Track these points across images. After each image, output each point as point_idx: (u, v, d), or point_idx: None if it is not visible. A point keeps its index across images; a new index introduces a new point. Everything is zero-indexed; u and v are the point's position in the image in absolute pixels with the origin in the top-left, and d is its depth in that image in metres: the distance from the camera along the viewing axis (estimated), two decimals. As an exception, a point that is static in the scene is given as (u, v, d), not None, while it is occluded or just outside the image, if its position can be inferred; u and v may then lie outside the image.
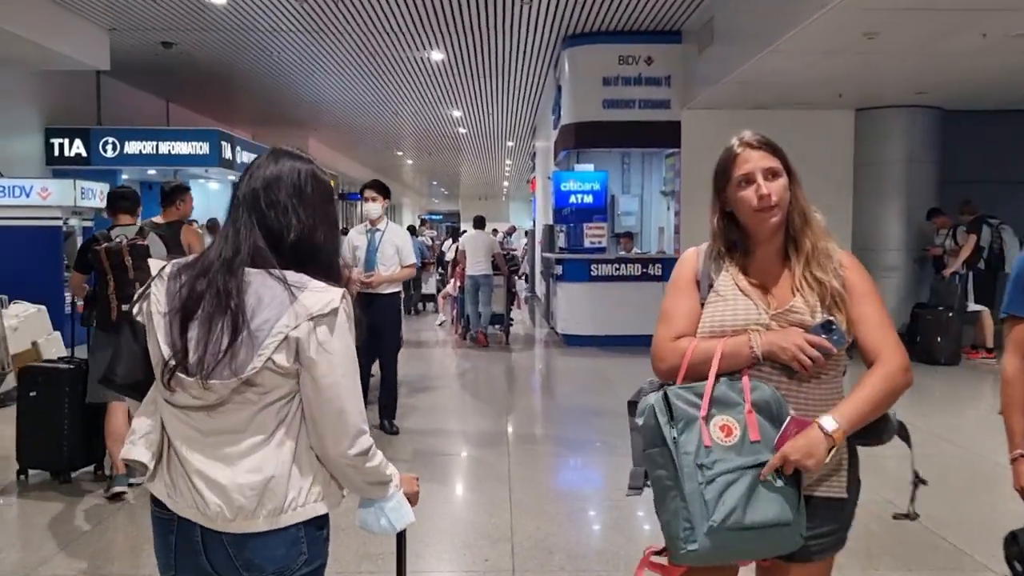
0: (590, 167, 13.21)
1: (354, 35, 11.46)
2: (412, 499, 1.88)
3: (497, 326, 12.25)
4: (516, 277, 14.19)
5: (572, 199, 13.02)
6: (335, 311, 1.65)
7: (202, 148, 14.19)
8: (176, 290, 1.67)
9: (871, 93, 10.03)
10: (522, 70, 13.88)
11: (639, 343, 11.07)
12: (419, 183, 42.49)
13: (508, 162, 30.07)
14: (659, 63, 11.09)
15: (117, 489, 4.72)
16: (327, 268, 1.73)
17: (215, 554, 1.67)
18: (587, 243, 11.32)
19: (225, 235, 1.71)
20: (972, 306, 9.60)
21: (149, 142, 13.58)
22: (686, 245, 10.65)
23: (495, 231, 24.15)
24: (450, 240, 18.65)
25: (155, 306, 1.68)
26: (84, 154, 13.01)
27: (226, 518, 1.64)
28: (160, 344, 1.66)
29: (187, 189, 5.74)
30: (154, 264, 1.75)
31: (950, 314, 9.46)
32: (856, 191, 11.15)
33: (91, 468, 5.24)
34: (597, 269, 11.16)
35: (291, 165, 1.76)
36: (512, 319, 13.09)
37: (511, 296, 13.03)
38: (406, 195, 48.10)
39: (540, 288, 17.34)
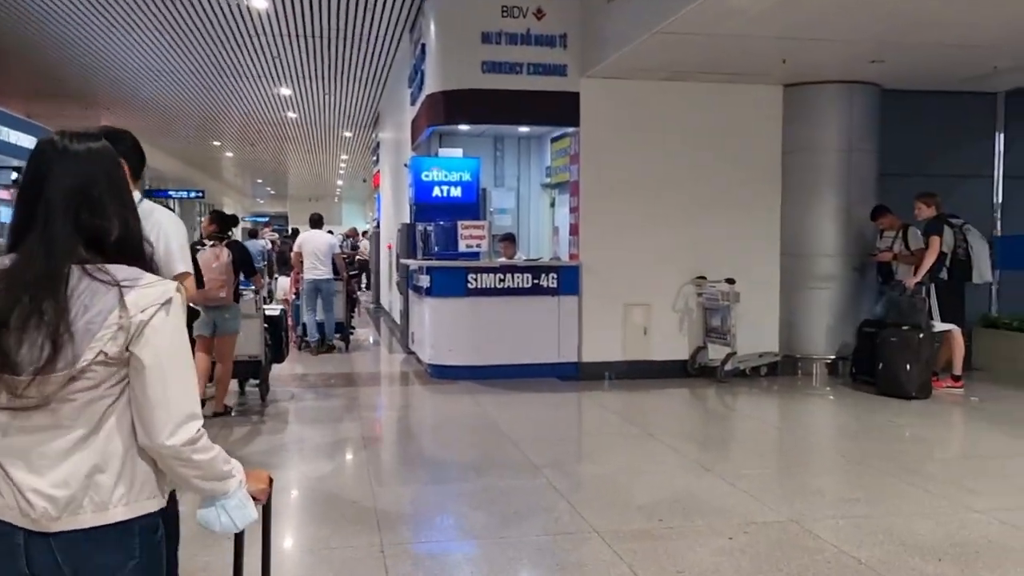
0: (458, 152, 10.66)
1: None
2: (258, 496, 1.83)
3: (337, 335, 11.37)
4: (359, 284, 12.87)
5: (436, 191, 10.42)
6: (170, 300, 1.63)
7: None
8: None
9: (812, 61, 8.08)
10: (369, 33, 11.14)
11: (529, 375, 8.76)
12: (242, 181, 38.29)
13: (344, 157, 26.99)
14: (552, 16, 8.71)
15: None
16: (145, 258, 1.70)
17: (39, 560, 1.58)
18: (463, 247, 8.77)
19: (41, 241, 1.60)
20: (938, 324, 7.83)
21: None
22: (587, 249, 8.26)
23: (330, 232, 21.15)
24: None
25: None
26: None
27: (51, 517, 1.57)
28: None
29: None
30: None
31: (920, 335, 7.62)
32: (786, 184, 9.23)
33: None
34: (476, 280, 8.63)
35: (99, 154, 1.68)
36: (353, 327, 12.57)
37: (351, 302, 12.47)
38: (227, 194, 43.62)
39: (389, 300, 14.58)
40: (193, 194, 31.28)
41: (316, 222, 11.46)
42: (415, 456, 6.35)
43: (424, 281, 8.88)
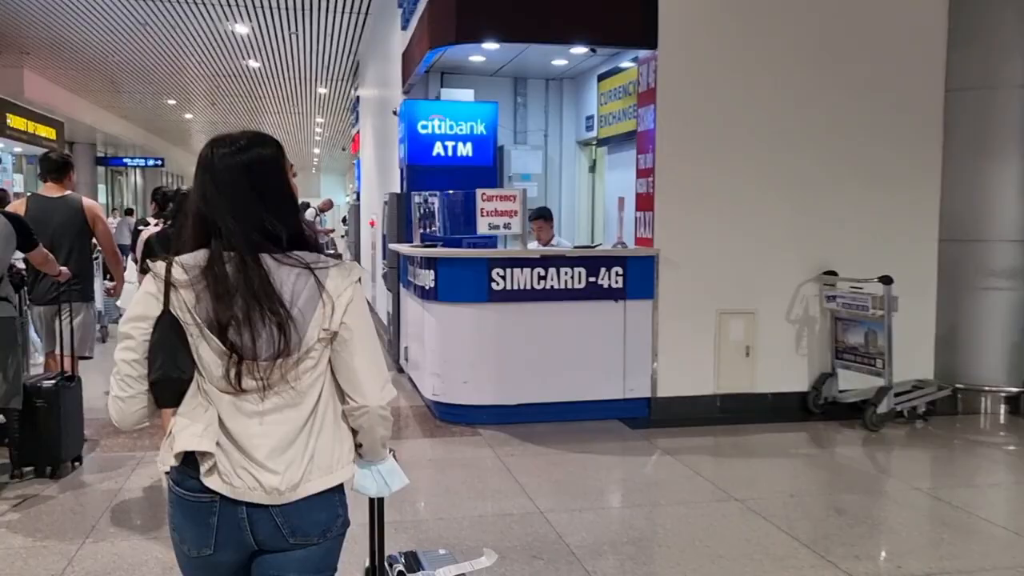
0: (468, 95, 7.75)
1: None
2: None
3: None
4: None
5: (438, 149, 7.53)
6: (360, 278, 1.80)
7: None
8: (199, 296, 1.68)
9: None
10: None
11: (581, 416, 5.92)
12: (209, 149, 34.86)
13: (320, 120, 23.87)
14: None
15: None
16: (310, 241, 1.81)
17: (261, 528, 1.71)
18: (484, 227, 5.85)
19: (229, 239, 1.70)
20: None
21: None
22: (665, 232, 4.95)
23: (306, 206, 18.05)
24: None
25: (185, 314, 1.69)
26: None
27: (281, 492, 1.69)
28: (214, 354, 1.69)
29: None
30: (156, 266, 1.73)
31: None
32: (949, 137, 6.37)
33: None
34: (504, 277, 5.74)
35: (264, 155, 1.78)
36: None
37: None
38: (192, 166, 40.12)
39: (372, 292, 11.63)
40: (151, 162, 28.10)
41: None
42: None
43: (426, 278, 5.97)
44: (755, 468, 5.12)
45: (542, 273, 5.81)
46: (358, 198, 15.65)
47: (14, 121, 14.50)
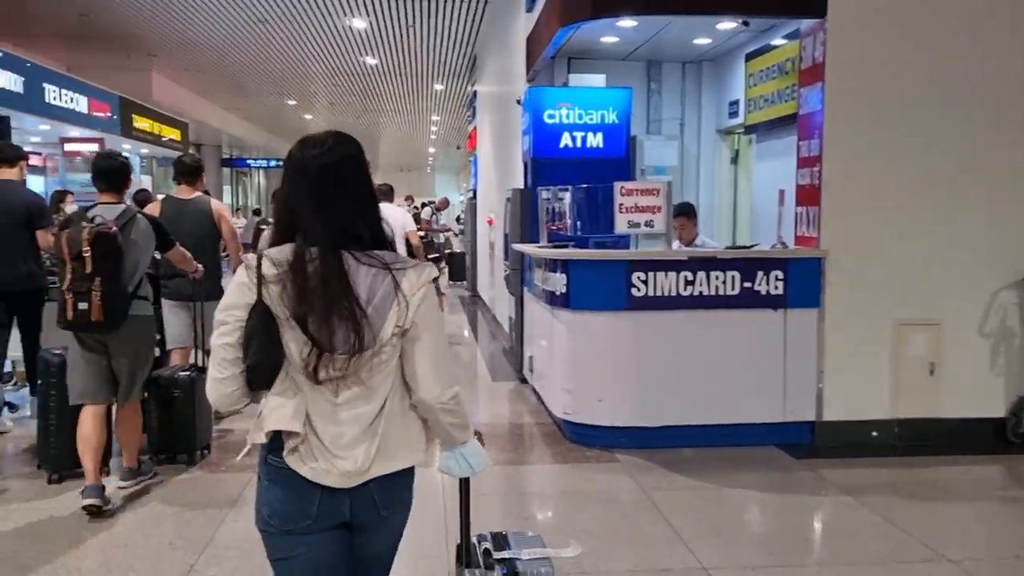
0: (599, 80, 7.09)
1: None
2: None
3: None
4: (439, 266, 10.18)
5: (566, 140, 6.91)
6: (433, 279, 1.88)
7: (15, 83, 9.76)
8: (285, 290, 1.77)
9: None
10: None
11: (734, 440, 5.18)
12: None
13: (435, 118, 23.65)
14: None
15: (89, 502, 4.04)
16: (388, 241, 1.90)
17: (359, 500, 1.86)
18: (622, 226, 5.18)
19: (312, 239, 1.79)
20: None
21: None
22: (833, 231, 4.16)
23: (423, 204, 17.79)
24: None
25: (274, 306, 1.78)
26: None
27: (352, 476, 1.82)
28: (297, 343, 1.78)
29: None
30: (249, 258, 1.82)
31: None
32: None
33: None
34: (646, 282, 5.05)
35: (347, 156, 1.87)
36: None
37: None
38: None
39: (490, 294, 11.15)
40: (273, 163, 28.67)
41: (387, 194, 8.45)
42: None
43: (555, 282, 5.35)
44: (959, 515, 4.25)
45: (689, 277, 5.09)
46: (474, 196, 15.22)
47: (140, 122, 14.77)
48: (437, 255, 11.77)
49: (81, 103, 12.10)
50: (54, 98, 11.07)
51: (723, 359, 5.15)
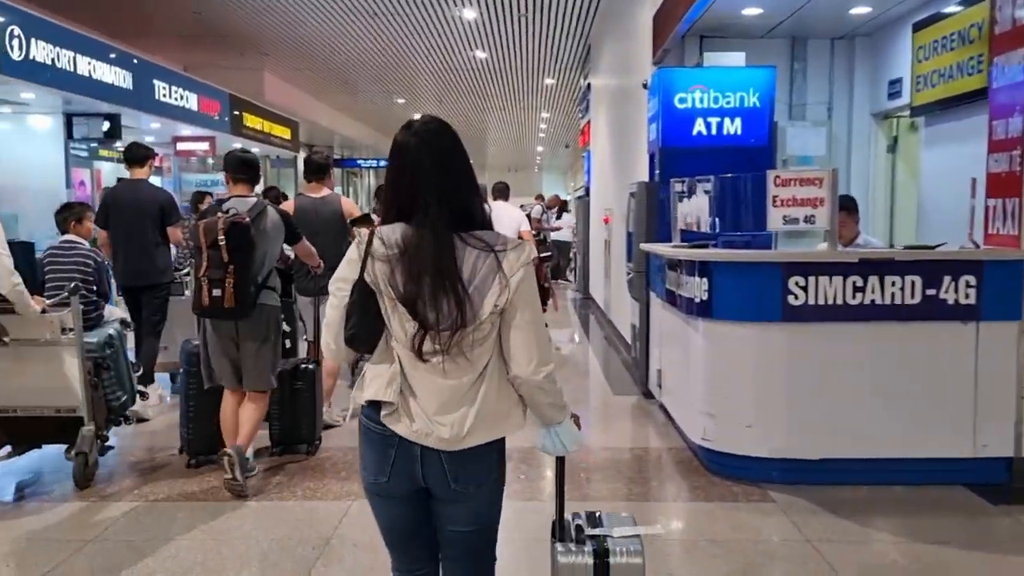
0: (739, 59, 6.33)
1: None
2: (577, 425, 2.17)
3: None
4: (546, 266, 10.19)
5: (698, 127, 6.18)
6: (531, 260, 1.96)
7: (124, 79, 9.66)
8: (394, 269, 1.90)
9: None
10: None
11: (910, 478, 4.32)
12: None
13: (545, 115, 23.07)
14: None
15: (227, 477, 4.24)
16: (490, 223, 2.01)
17: (430, 467, 1.98)
18: (775, 221, 4.41)
19: (425, 222, 1.90)
20: None
21: (65, 50, 8.22)
22: None
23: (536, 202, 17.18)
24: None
25: (380, 283, 1.92)
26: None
27: (448, 441, 1.94)
28: (402, 321, 1.92)
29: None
30: (362, 233, 1.96)
31: None
32: None
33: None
34: (804, 289, 4.26)
35: (452, 142, 1.99)
36: (546, 324, 7.97)
37: (543, 292, 9.12)
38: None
39: (603, 295, 10.44)
40: (382, 163, 28.70)
41: (502, 192, 8.17)
42: None
43: (694, 288, 4.62)
44: None
45: (859, 283, 4.27)
46: (586, 193, 14.54)
47: (250, 120, 14.73)
48: (548, 253, 11.20)
49: (191, 100, 12.06)
50: (163, 95, 11.00)
51: (898, 381, 4.30)
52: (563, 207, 17.03)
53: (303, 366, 5.00)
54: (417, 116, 2.02)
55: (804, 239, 5.49)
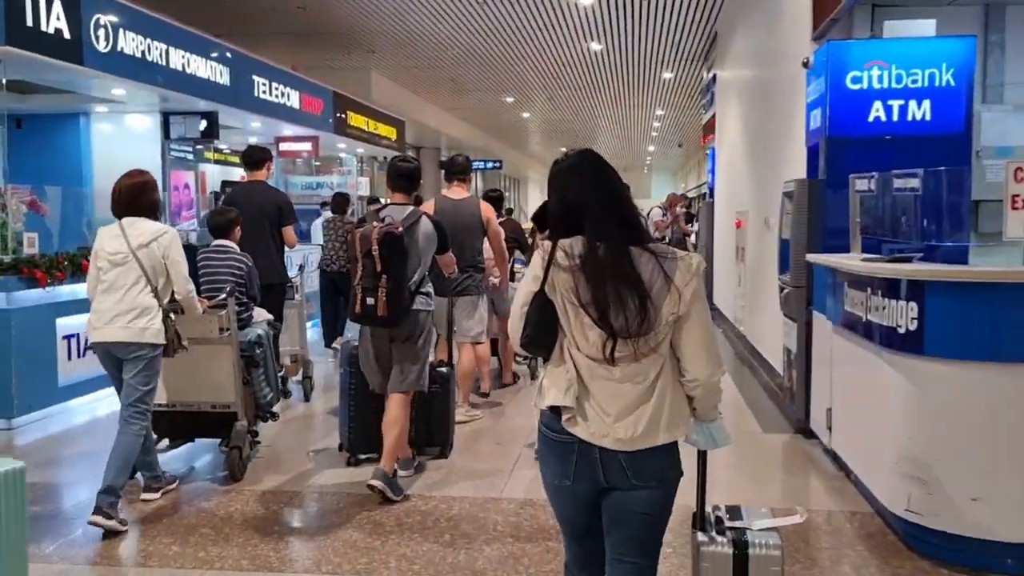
0: (929, 28, 5.22)
1: None
2: None
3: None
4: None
5: (876, 112, 5.12)
6: (702, 272, 2.07)
7: (221, 75, 9.36)
8: (580, 279, 2.03)
9: None
10: None
11: None
12: (545, 150, 34.55)
13: (659, 112, 21.89)
14: None
15: (370, 482, 4.29)
16: (650, 236, 2.16)
17: (610, 468, 2.08)
18: (1016, 229, 3.32)
19: (598, 235, 2.05)
20: None
21: (157, 41, 7.94)
22: None
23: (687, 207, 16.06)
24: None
25: (564, 292, 2.05)
26: (67, 34, 6.69)
27: (626, 441, 2.05)
28: (584, 329, 2.04)
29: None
30: (545, 245, 2.09)
31: None
32: None
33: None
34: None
35: (599, 161, 2.18)
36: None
37: None
38: (532, 167, 40.31)
39: (733, 308, 9.33)
40: (490, 165, 28.13)
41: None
42: None
43: (894, 313, 3.58)
44: None
45: None
46: (710, 194, 13.40)
47: (354, 119, 14.17)
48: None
49: (293, 98, 11.54)
50: (263, 92, 10.49)
51: None
52: (689, 211, 15.76)
53: (438, 369, 4.99)
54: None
55: (1001, 250, 4.35)
